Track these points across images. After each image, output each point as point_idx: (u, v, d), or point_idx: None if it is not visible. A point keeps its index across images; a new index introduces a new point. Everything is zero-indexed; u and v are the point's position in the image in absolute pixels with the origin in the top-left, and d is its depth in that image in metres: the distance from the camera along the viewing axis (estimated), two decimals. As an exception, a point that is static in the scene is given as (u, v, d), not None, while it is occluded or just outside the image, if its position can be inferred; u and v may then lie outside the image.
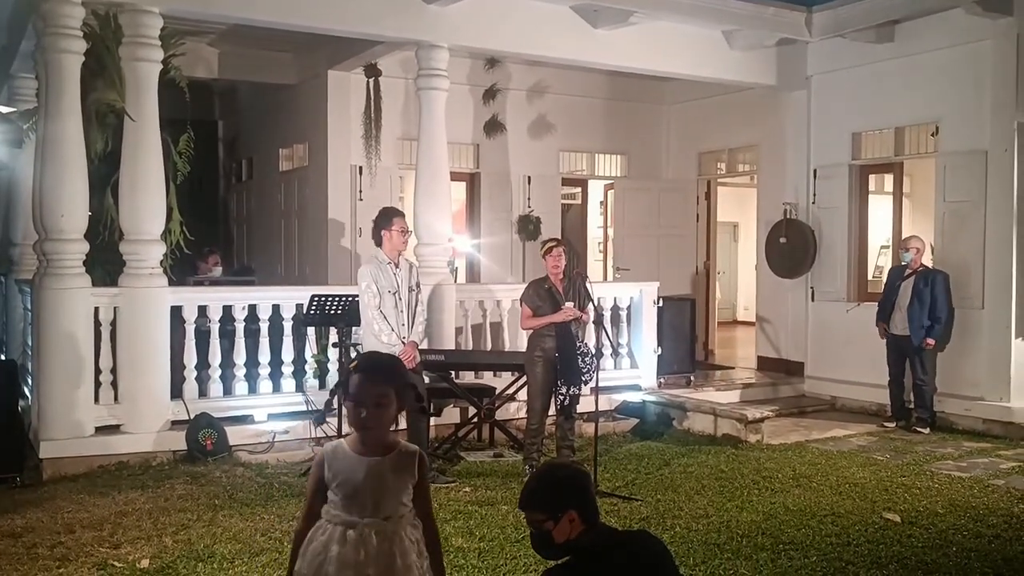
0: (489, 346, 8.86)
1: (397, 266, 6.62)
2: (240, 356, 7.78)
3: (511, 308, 8.67)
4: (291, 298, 7.97)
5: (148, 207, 7.33)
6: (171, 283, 7.66)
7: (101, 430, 7.18)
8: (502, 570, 4.95)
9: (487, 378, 8.61)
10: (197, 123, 8.92)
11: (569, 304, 6.89)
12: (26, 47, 8.19)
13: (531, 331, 7.12)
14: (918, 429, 8.75)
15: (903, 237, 9.19)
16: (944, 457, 7.78)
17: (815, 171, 10.50)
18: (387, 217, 6.66)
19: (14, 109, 8.32)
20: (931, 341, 8.68)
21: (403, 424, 6.79)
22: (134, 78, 7.32)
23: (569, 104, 12.07)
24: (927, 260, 9.10)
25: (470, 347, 8.75)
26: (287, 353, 7.95)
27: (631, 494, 6.43)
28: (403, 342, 6.51)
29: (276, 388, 7.92)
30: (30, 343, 7.84)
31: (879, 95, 9.85)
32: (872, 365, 9.34)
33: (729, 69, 10.20)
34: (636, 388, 9.38)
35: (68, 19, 6.99)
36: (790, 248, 10.55)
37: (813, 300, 10.55)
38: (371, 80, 10.28)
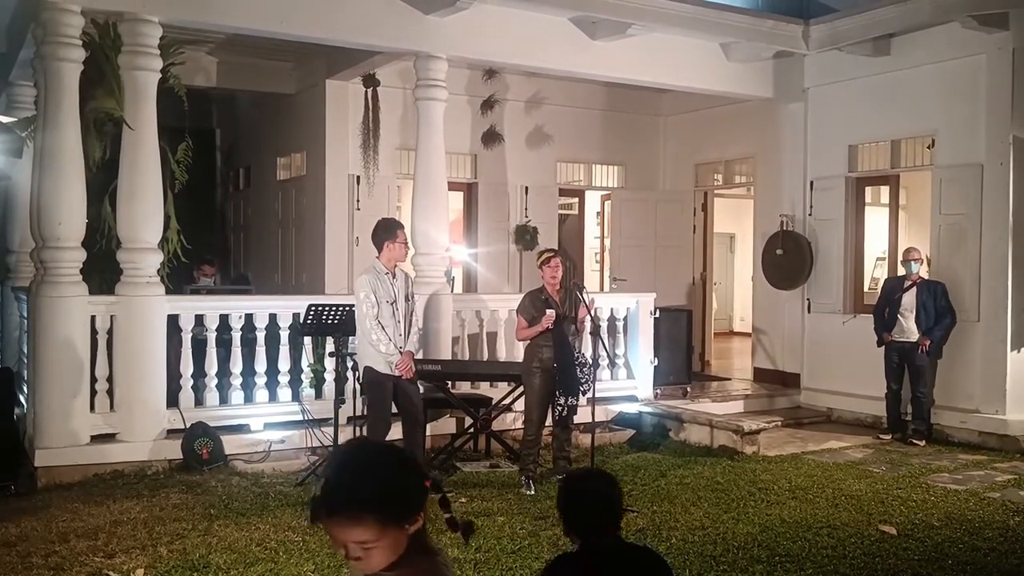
0: (485, 356, 8.86)
1: (394, 276, 6.62)
2: (236, 365, 7.77)
3: (508, 318, 8.67)
4: (288, 307, 7.97)
5: (146, 215, 7.33)
6: (168, 292, 7.66)
7: (96, 439, 7.16)
8: (498, 581, 4.94)
9: (483, 388, 8.61)
10: (195, 132, 8.94)
11: (550, 311, 6.87)
12: (25, 55, 8.20)
13: (527, 341, 7.12)
14: (914, 441, 8.76)
15: (906, 247, 9.21)
16: (940, 469, 7.78)
17: (812, 183, 10.52)
18: (391, 229, 6.67)
19: (14, 119, 8.32)
20: (927, 341, 8.69)
21: (399, 435, 6.80)
22: (133, 87, 7.33)
23: (567, 115, 12.10)
24: (923, 272, 9.13)
25: (466, 357, 8.75)
26: (284, 362, 7.94)
27: (627, 505, 6.39)
28: (400, 352, 6.52)
29: (272, 397, 7.91)
30: (26, 351, 7.82)
31: (875, 107, 9.89)
32: (868, 377, 9.35)
33: (726, 81, 10.25)
34: (632, 399, 9.38)
35: (67, 28, 7.00)
36: (786, 259, 10.57)
37: (809, 311, 10.56)
38: (369, 90, 10.30)
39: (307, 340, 7.91)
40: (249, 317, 7.84)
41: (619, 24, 8.91)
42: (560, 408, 6.94)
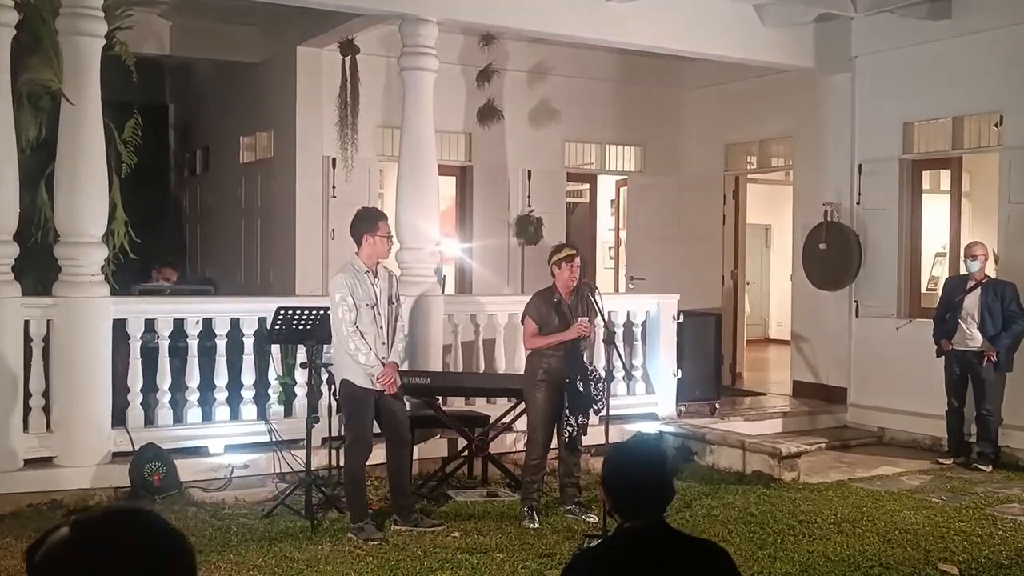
0: (482, 368, 8.86)
1: (375, 275, 6.63)
2: (193, 378, 7.77)
3: (508, 323, 8.68)
4: (253, 311, 7.97)
5: (88, 204, 7.33)
6: (114, 292, 7.66)
7: (31, 463, 7.16)
8: (496, 629, 4.94)
9: (479, 405, 8.61)
10: (145, 107, 8.95)
11: (584, 319, 6.90)
12: (-52, 18, 8.20)
13: (531, 351, 7.12)
14: (979, 466, 8.76)
15: (969, 242, 9.21)
16: (1009, 499, 7.79)
17: (860, 166, 10.53)
18: (371, 220, 6.68)
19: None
20: (994, 350, 8.68)
21: (381, 459, 6.82)
22: (73, 55, 7.32)
23: (576, 88, 12.11)
24: (989, 269, 9.13)
25: (459, 368, 8.75)
26: (248, 375, 7.94)
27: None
28: (382, 363, 6.52)
29: (235, 415, 7.91)
30: (-51, 361, 7.83)
31: (934, 79, 9.89)
32: (926, 391, 9.35)
33: (761, 48, 10.24)
34: (652, 417, 9.39)
35: (-3, -13, 7.01)
36: (831, 255, 10.57)
37: (857, 316, 10.56)
38: (347, 58, 10.29)
39: (275, 349, 7.90)
40: (208, 322, 7.84)
41: (637, -18, 8.92)
42: (569, 428, 6.94)
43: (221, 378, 7.86)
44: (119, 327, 7.50)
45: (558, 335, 6.90)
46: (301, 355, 7.55)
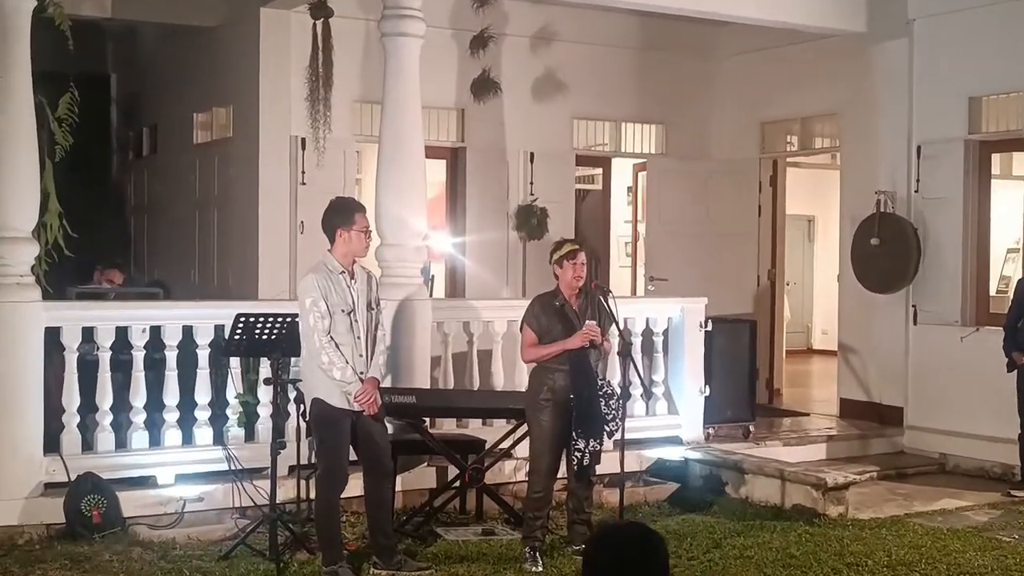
0: (477, 384, 8.87)
1: (352, 276, 6.62)
2: (139, 396, 7.76)
3: (507, 332, 8.68)
4: (209, 317, 7.97)
5: (15, 193, 7.32)
6: (46, 296, 7.65)
7: (-51, 496, 7.16)
8: None
9: (473, 428, 8.62)
10: (83, 78, 8.93)
11: (591, 322, 6.88)
12: None
13: (535, 364, 7.12)
14: (1058, 499, 8.80)
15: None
16: (1093, 538, 7.80)
17: (919, 149, 10.53)
18: (346, 212, 6.67)
19: None
20: None
21: (358, 491, 6.82)
22: (-1, 18, 7.33)
23: (587, 56, 12.12)
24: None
25: (450, 385, 8.76)
26: (203, 393, 7.93)
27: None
28: (360, 378, 6.52)
29: (187, 440, 7.89)
30: None
31: (1005, 47, 9.89)
32: (996, 412, 9.37)
33: (803, 11, 10.26)
34: (676, 441, 9.40)
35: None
36: (885, 252, 10.57)
37: (916, 323, 10.57)
38: (319, 22, 10.26)
39: (234, 362, 7.90)
40: (156, 331, 7.83)
41: (658, -67, 8.93)
42: (578, 454, 6.93)
43: (172, 396, 7.84)
44: (52, 336, 7.48)
45: (560, 343, 6.89)
46: (265, 370, 7.56)
